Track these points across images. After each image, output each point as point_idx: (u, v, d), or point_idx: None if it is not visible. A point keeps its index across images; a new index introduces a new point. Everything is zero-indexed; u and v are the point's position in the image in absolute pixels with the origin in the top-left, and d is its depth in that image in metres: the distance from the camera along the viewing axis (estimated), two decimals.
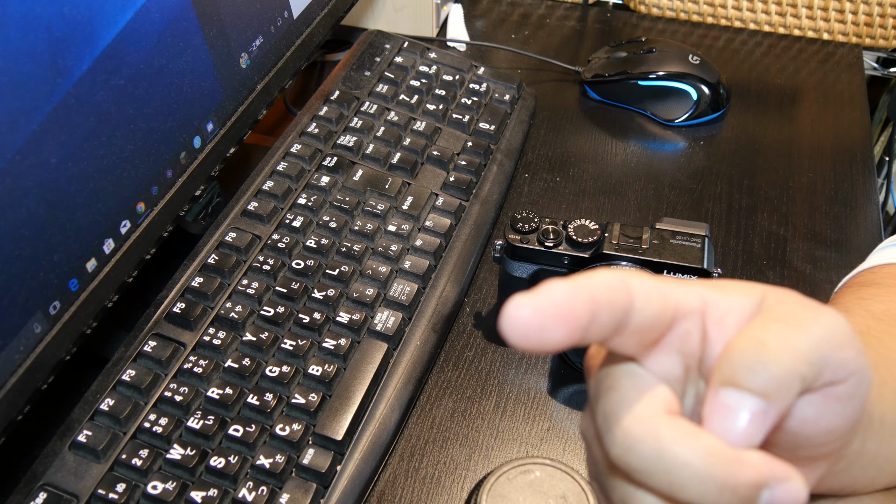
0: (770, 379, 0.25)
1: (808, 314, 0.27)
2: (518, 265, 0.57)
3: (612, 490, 0.29)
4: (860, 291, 0.49)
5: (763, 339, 0.26)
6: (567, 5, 0.94)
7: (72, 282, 0.48)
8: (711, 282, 0.29)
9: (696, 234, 0.54)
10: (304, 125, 0.67)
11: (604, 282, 0.25)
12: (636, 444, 0.26)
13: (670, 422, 0.26)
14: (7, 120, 0.41)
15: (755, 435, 0.26)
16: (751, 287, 0.29)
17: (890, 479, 0.38)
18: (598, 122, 0.79)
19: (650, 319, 0.27)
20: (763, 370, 0.25)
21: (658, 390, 0.27)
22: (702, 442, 0.25)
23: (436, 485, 0.52)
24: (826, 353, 0.27)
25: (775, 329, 0.26)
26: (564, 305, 0.24)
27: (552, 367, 0.59)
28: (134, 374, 0.50)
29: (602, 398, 0.28)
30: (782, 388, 0.25)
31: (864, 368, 0.28)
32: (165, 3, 0.52)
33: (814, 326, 0.27)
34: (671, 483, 0.25)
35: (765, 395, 0.25)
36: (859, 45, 0.89)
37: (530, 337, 0.24)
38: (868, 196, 0.72)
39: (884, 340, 0.40)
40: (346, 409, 0.51)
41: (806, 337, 0.26)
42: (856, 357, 0.28)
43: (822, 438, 0.29)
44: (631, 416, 0.26)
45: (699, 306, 0.28)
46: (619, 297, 0.26)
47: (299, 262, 0.57)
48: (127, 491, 0.46)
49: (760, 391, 0.25)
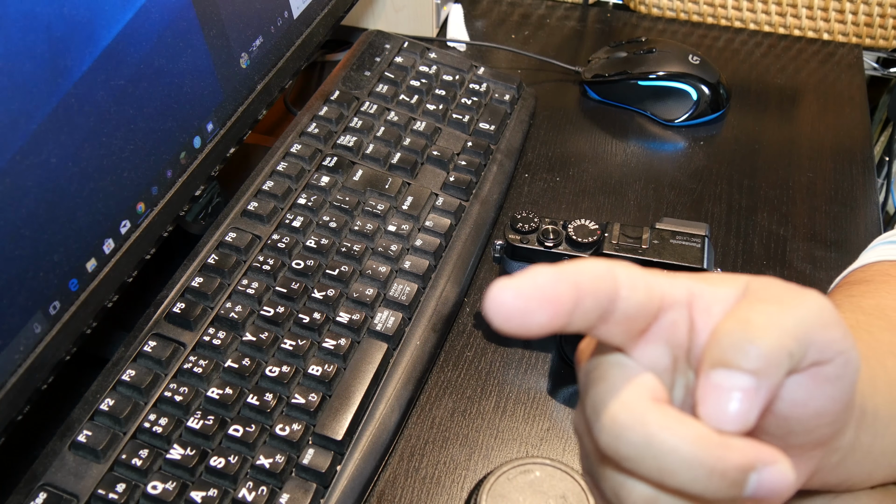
0: (759, 356, 0.26)
1: (792, 295, 0.28)
2: (518, 265, 0.57)
3: (604, 481, 0.29)
4: (850, 289, 0.50)
5: (749, 317, 0.27)
6: (567, 5, 0.94)
7: (72, 282, 0.48)
8: (697, 274, 0.30)
9: (696, 234, 0.54)
10: (304, 125, 0.67)
11: (589, 269, 0.26)
12: (624, 431, 0.26)
13: (657, 409, 0.26)
14: (7, 120, 0.41)
15: (749, 413, 0.26)
16: (735, 277, 0.30)
17: (887, 474, 0.38)
18: (598, 122, 0.79)
19: (635, 308, 0.27)
20: (752, 347, 0.26)
21: (645, 379, 0.28)
22: (689, 428, 0.26)
23: (436, 485, 0.52)
24: (811, 330, 0.27)
25: (760, 308, 0.27)
26: (548, 290, 0.25)
27: (552, 367, 0.59)
28: (134, 374, 0.50)
29: (591, 389, 0.28)
30: (771, 364, 0.26)
31: (851, 349, 0.28)
32: (165, 3, 0.52)
33: (799, 306, 0.27)
34: (660, 469, 0.26)
35: (755, 373, 0.26)
36: (859, 45, 0.89)
37: (512, 320, 0.25)
38: (868, 196, 0.72)
39: (874, 333, 0.40)
40: (346, 409, 0.51)
41: (791, 315, 0.27)
42: (842, 337, 0.28)
43: (812, 422, 0.30)
44: (618, 405, 0.27)
45: (685, 297, 0.29)
46: (603, 284, 0.26)
47: (299, 262, 0.57)
48: (127, 491, 0.46)
49: (750, 369, 0.26)
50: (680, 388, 0.30)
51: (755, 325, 0.26)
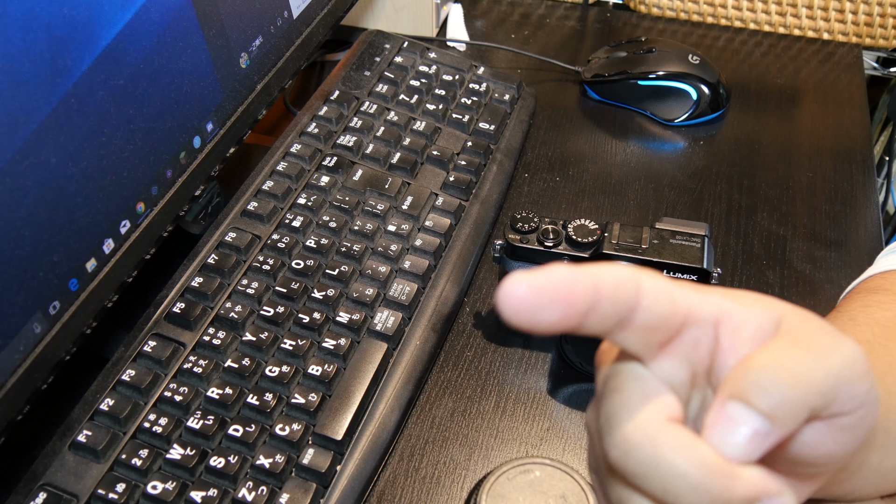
0: (780, 403, 0.25)
1: (828, 342, 0.27)
2: (518, 265, 0.57)
3: (610, 489, 0.29)
4: (866, 298, 0.49)
5: (781, 360, 0.26)
6: (567, 5, 0.94)
7: (72, 282, 0.48)
8: (730, 291, 0.29)
9: (696, 234, 0.54)
10: (303, 125, 0.67)
11: (612, 274, 0.26)
12: (634, 449, 0.26)
13: (670, 430, 0.26)
14: (7, 120, 0.41)
15: (752, 453, 0.26)
16: (770, 302, 0.29)
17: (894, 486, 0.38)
18: (598, 122, 0.79)
19: (656, 319, 0.27)
20: (776, 392, 0.25)
21: (662, 397, 0.27)
22: (699, 453, 0.25)
23: (436, 485, 0.52)
24: (839, 386, 0.27)
25: (795, 354, 0.26)
26: (563, 289, 0.25)
27: (552, 367, 0.59)
28: (134, 374, 0.50)
29: (606, 399, 0.28)
30: (789, 414, 0.26)
31: (874, 401, 0.28)
32: (165, 3, 0.52)
33: (833, 357, 0.27)
34: (665, 491, 0.26)
35: (771, 417, 0.25)
36: (859, 45, 0.89)
37: (523, 314, 0.24)
38: (868, 196, 0.72)
39: (890, 348, 0.40)
40: (345, 409, 0.51)
41: (823, 368, 0.26)
42: (868, 391, 0.28)
43: (820, 461, 0.30)
44: (632, 422, 0.27)
45: (714, 315, 0.28)
46: (624, 291, 0.26)
47: (299, 262, 0.57)
48: (127, 491, 0.46)
49: (768, 412, 0.25)
50: (696, 403, 0.30)
51: (785, 371, 0.26)
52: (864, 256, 0.67)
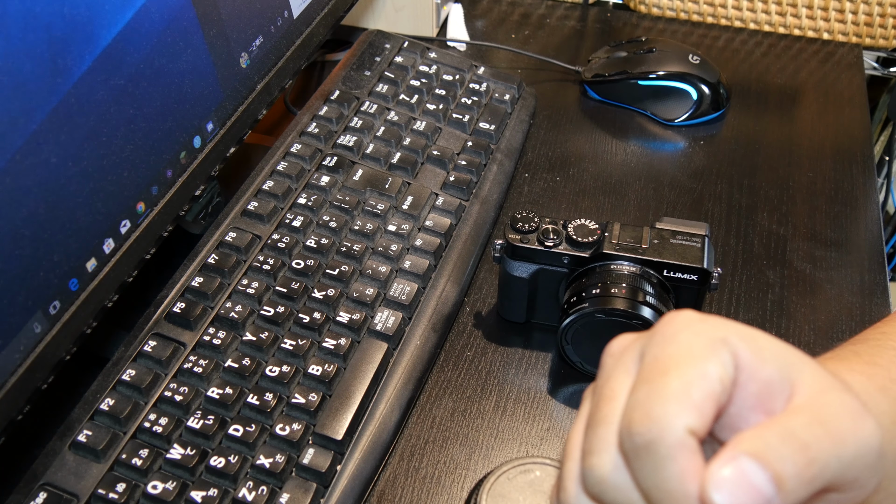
0: (792, 477, 0.26)
1: (849, 425, 0.27)
2: (518, 265, 0.57)
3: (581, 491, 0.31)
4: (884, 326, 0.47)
5: (801, 437, 0.27)
6: (567, 5, 0.94)
7: (72, 281, 0.48)
8: (750, 334, 0.29)
9: (696, 234, 0.54)
10: (304, 125, 0.67)
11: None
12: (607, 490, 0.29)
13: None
14: (7, 120, 0.41)
15: None
16: (787, 358, 0.29)
17: None
18: (598, 121, 0.79)
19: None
20: (790, 466, 0.26)
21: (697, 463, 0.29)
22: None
23: (436, 484, 0.52)
24: (851, 470, 0.27)
25: (815, 433, 0.27)
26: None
27: (552, 367, 0.59)
28: (134, 374, 0.50)
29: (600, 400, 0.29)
30: (798, 489, 0.26)
31: (876, 482, 0.28)
32: (165, 3, 0.52)
33: (852, 444, 0.27)
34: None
35: (779, 484, 0.26)
36: (859, 45, 0.89)
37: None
38: (868, 196, 0.72)
39: None
40: (346, 409, 0.51)
41: (840, 454, 0.27)
42: (874, 474, 0.28)
43: None
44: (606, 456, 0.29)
45: None
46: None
47: (299, 262, 0.57)
48: (127, 491, 0.46)
49: (779, 479, 0.26)
50: None
51: (802, 448, 0.26)
52: (865, 256, 0.67)
